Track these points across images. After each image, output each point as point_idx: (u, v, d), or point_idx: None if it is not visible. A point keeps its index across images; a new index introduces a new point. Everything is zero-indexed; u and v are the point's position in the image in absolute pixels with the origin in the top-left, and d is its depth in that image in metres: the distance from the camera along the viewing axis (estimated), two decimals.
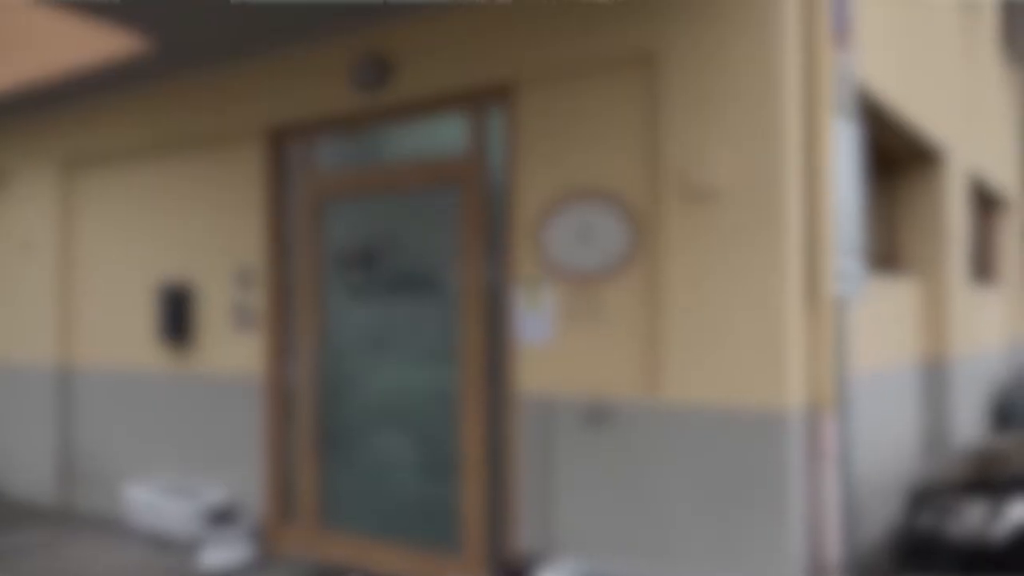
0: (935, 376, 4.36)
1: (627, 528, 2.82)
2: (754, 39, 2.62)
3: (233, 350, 3.94)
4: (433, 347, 3.43)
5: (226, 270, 3.99)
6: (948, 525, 2.68)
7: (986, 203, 6.10)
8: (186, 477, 4.11)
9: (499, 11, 3.13)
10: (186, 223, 4.18)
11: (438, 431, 3.41)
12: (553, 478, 2.99)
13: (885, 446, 3.62)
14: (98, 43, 3.80)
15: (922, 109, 4.00)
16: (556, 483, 2.98)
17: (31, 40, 3.91)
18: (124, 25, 3.44)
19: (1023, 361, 6.63)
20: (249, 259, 3.90)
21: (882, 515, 3.43)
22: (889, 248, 4.48)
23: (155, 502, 3.98)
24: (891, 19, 3.65)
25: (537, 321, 3.06)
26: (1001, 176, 6.14)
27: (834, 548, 2.66)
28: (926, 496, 2.85)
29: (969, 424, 4.78)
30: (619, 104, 2.91)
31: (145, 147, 4.34)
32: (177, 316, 4.10)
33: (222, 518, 3.86)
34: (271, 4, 3.21)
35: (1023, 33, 6.63)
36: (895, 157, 4.42)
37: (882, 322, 3.66)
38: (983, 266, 5.94)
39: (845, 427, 2.82)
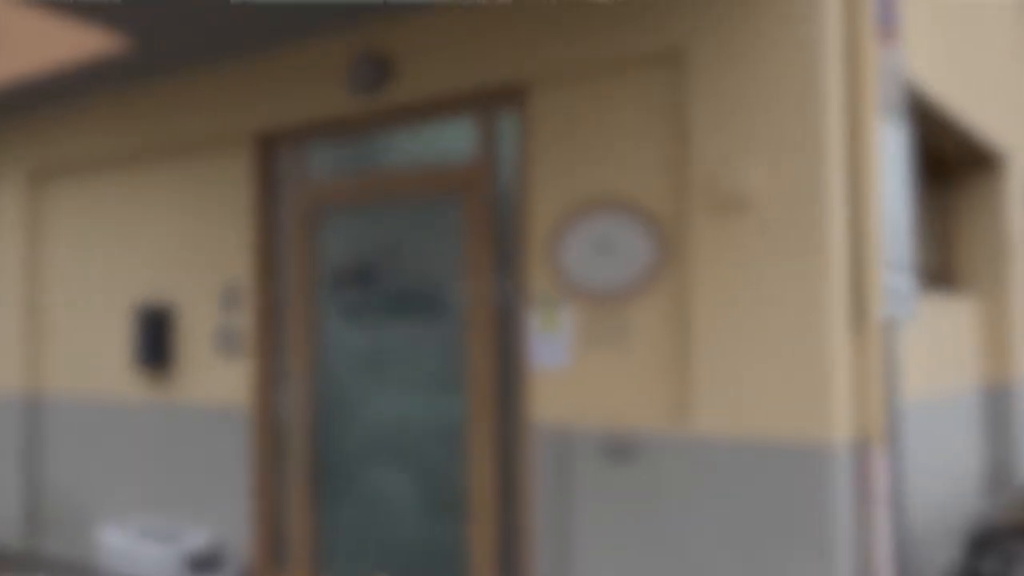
0: (997, 404, 4.33)
1: (652, 574, 2.81)
2: (792, 34, 2.65)
3: (217, 377, 3.98)
4: (437, 373, 3.45)
5: (210, 289, 4.03)
6: (1016, 573, 2.65)
7: None
8: (166, 518, 4.12)
9: (509, 6, 3.18)
10: (166, 238, 4.24)
11: (443, 466, 3.42)
12: (570, 518, 2.99)
13: (942, 483, 3.59)
14: (71, 43, 3.88)
15: (978, 109, 4.01)
16: (574, 523, 2.98)
17: None
18: (100, 23, 3.50)
19: None
20: (235, 277, 3.94)
21: (939, 561, 3.39)
22: (944, 263, 4.47)
23: (131, 547, 3.99)
24: (939, 13, 3.67)
25: (552, 344, 3.08)
26: None
27: None
28: (989, 539, 2.83)
29: None
30: (642, 106, 2.93)
31: (122, 155, 4.41)
32: (156, 340, 4.14)
33: (205, 564, 3.86)
34: (260, 1, 3.27)
35: None
36: (949, 162, 4.43)
37: (937, 345, 3.65)
38: None
39: (897, 462, 2.81)
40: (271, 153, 3.96)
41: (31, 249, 4.79)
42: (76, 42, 3.86)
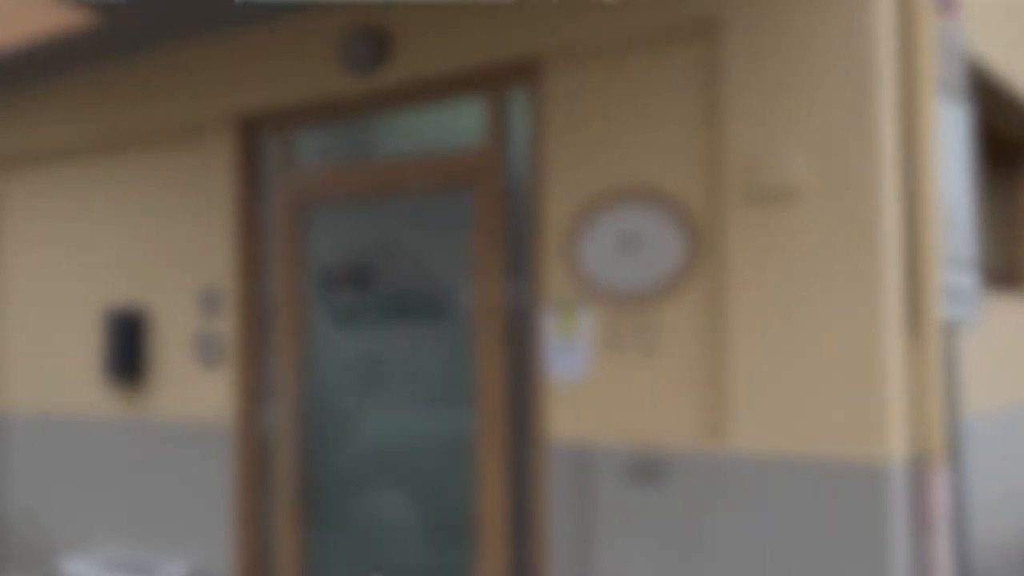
0: None
1: None
2: (841, 4, 2.64)
3: (196, 390, 3.99)
4: (441, 385, 3.46)
5: (188, 292, 4.05)
6: None
7: None
8: (139, 548, 4.14)
9: None
10: (139, 235, 4.26)
11: (448, 488, 3.42)
12: (591, 546, 2.98)
13: (1009, 503, 3.58)
14: (32, 18, 3.90)
15: None
16: (594, 552, 2.98)
17: None
18: None
19: None
20: (216, 278, 3.96)
21: None
22: (1010, 260, 4.45)
23: None
24: None
25: (571, 352, 3.08)
26: None
27: None
28: None
29: None
30: (671, 85, 2.93)
31: (89, 143, 4.43)
32: (128, 349, 4.16)
33: None
34: None
35: None
36: (1015, 146, 4.41)
37: (1003, 351, 3.63)
38: None
39: (959, 481, 2.80)
40: (255, 140, 3.97)
41: None
42: (38, 17, 3.88)
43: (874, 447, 2.55)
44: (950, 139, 2.82)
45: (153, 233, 4.20)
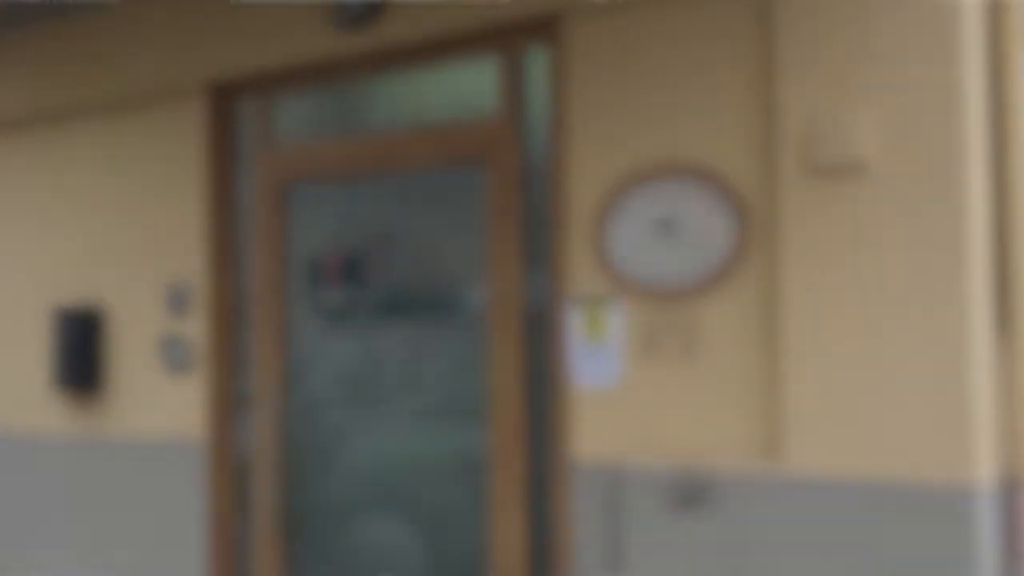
0: None
1: None
2: None
3: (161, 401, 4.01)
4: (448, 395, 3.46)
5: (151, 287, 4.06)
6: None
7: None
8: None
9: None
10: (95, 221, 4.27)
11: (456, 516, 3.42)
12: None
13: None
14: None
15: None
16: None
17: None
18: None
19: None
20: (184, 270, 3.97)
21: None
22: None
23: None
24: None
25: (600, 357, 3.07)
26: None
27: None
28: None
29: None
30: (715, 41, 2.92)
31: (34, 113, 4.45)
32: (82, 354, 4.17)
33: None
34: None
35: None
36: None
37: None
38: None
39: None
40: (229, 109, 3.98)
41: None
42: None
43: (959, 467, 2.53)
44: None
45: (111, 218, 4.21)
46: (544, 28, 3.24)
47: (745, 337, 2.87)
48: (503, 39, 3.34)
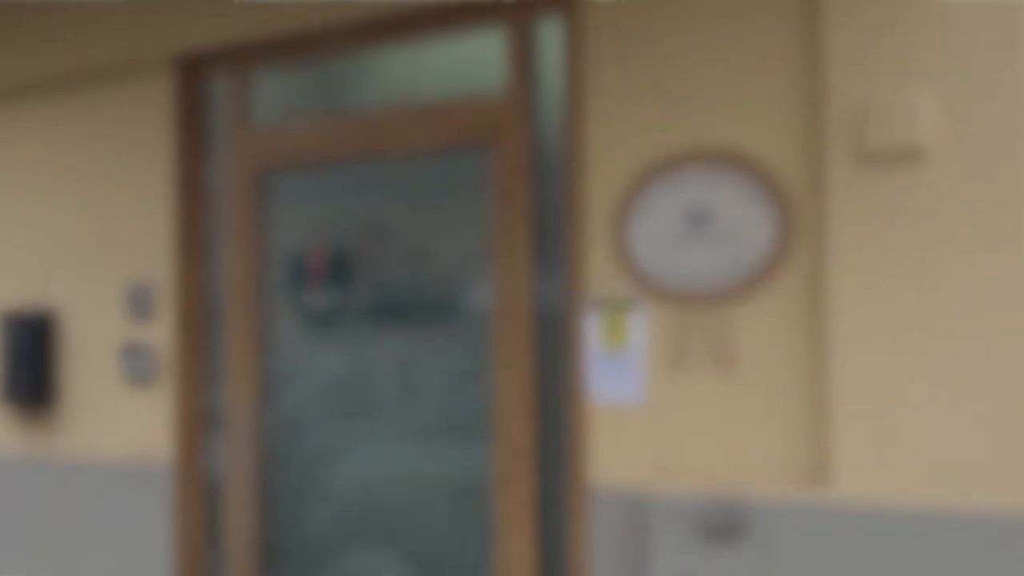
0: None
1: None
2: None
3: (122, 418, 4.01)
4: (447, 412, 3.45)
5: (110, 288, 4.06)
6: None
7: None
8: None
9: None
10: (47, 212, 4.27)
11: (457, 548, 3.42)
12: None
13: None
14: None
15: None
16: None
17: None
18: None
19: None
20: (147, 270, 3.97)
21: None
22: None
23: None
24: None
25: (621, 368, 3.07)
26: None
27: None
28: None
29: None
30: (754, 14, 2.92)
31: None
32: (31, 364, 4.17)
33: None
34: None
35: None
36: None
37: None
38: None
39: None
40: (199, 86, 3.98)
41: None
42: None
43: None
44: None
45: (64, 210, 4.21)
46: None
47: (787, 346, 2.86)
48: (511, 7, 3.34)
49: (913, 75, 2.69)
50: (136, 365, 3.99)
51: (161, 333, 3.93)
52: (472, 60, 3.45)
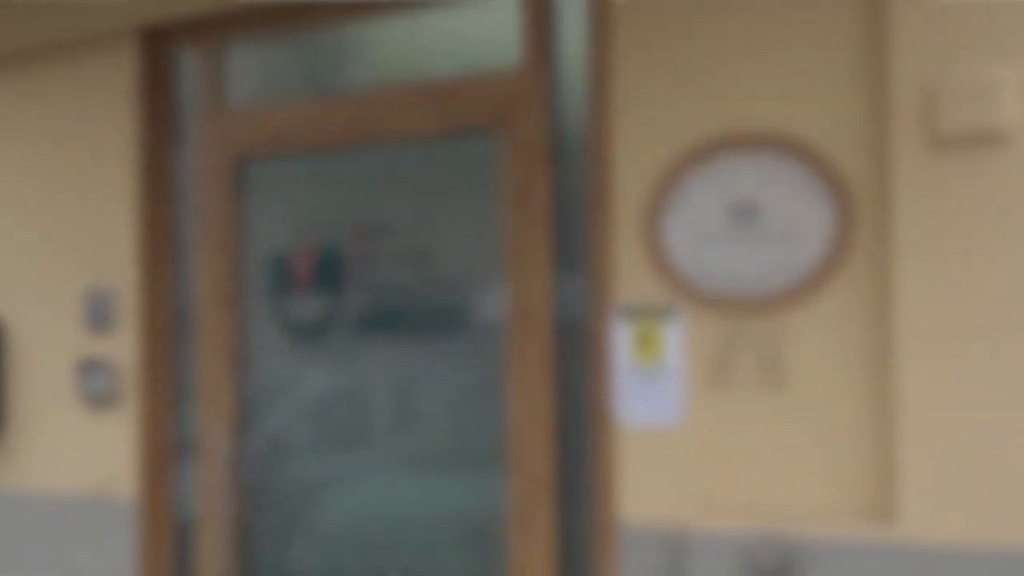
0: None
1: None
2: None
3: (79, 445, 4.01)
4: (454, 437, 3.45)
5: (65, 296, 4.07)
6: None
7: None
8: None
9: None
10: None
11: None
12: None
13: None
14: None
15: None
16: None
17: None
18: None
19: None
20: (108, 275, 3.97)
21: None
22: None
23: None
24: None
25: (656, 386, 3.06)
26: None
27: None
28: None
29: None
30: None
31: None
32: None
33: None
34: None
35: None
36: None
37: None
38: None
39: None
40: (166, 61, 3.98)
41: None
42: None
43: None
44: None
45: (13, 208, 4.22)
46: None
47: (847, 361, 2.85)
48: None
49: (992, 49, 2.68)
50: (95, 384, 3.99)
51: (123, 348, 3.93)
52: (482, 31, 3.45)
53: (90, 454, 4.00)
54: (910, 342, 2.74)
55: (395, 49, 3.67)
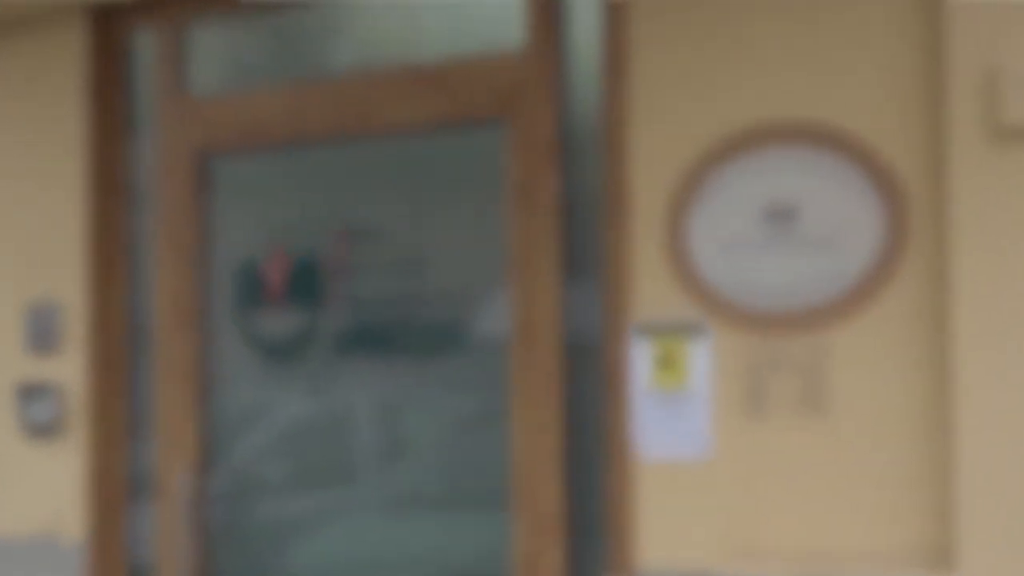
0: None
1: None
2: None
3: (20, 481, 4.00)
4: (449, 474, 3.45)
5: (3, 312, 4.06)
6: None
7: None
8: None
9: None
10: None
11: None
12: None
13: None
14: None
15: None
16: None
17: None
18: None
19: None
20: (52, 288, 3.97)
21: None
22: None
23: None
24: None
25: (679, 415, 3.06)
26: None
27: None
28: None
29: None
30: None
31: None
32: None
33: None
34: None
35: None
36: None
37: None
38: None
39: None
40: (122, 41, 3.99)
41: None
42: None
43: None
44: None
45: None
46: None
47: (899, 384, 2.85)
48: None
49: None
50: (37, 412, 3.98)
51: (70, 370, 3.93)
52: (481, 8, 3.46)
53: (32, 491, 3.99)
54: (972, 363, 2.74)
55: (383, 29, 3.67)
